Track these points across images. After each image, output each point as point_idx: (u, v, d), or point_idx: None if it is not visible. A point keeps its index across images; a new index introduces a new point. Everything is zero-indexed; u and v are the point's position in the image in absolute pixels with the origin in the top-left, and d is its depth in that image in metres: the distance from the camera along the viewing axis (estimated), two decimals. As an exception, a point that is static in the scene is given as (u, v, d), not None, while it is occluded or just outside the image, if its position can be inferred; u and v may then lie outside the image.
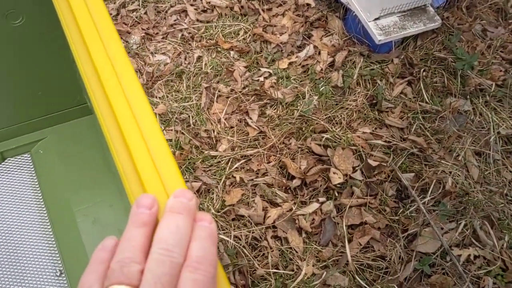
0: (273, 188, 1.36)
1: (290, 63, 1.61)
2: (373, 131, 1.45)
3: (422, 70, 1.55)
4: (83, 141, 0.74)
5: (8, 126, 0.70)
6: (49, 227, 0.68)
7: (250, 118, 1.48)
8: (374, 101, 1.51)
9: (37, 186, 0.71)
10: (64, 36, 0.58)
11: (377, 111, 1.50)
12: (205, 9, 1.72)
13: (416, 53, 1.62)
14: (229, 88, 1.53)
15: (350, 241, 1.30)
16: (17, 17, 0.57)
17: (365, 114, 1.47)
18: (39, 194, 0.70)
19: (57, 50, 0.63)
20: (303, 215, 1.33)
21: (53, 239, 0.67)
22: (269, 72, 1.57)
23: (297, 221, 1.32)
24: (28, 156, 0.73)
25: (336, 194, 1.37)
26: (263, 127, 1.46)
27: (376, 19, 1.57)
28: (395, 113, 1.49)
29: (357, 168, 1.39)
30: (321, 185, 1.38)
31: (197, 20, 1.70)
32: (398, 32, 1.56)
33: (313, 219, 1.34)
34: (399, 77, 1.57)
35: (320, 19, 1.70)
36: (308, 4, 1.72)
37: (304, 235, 1.31)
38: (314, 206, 1.35)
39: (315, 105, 1.49)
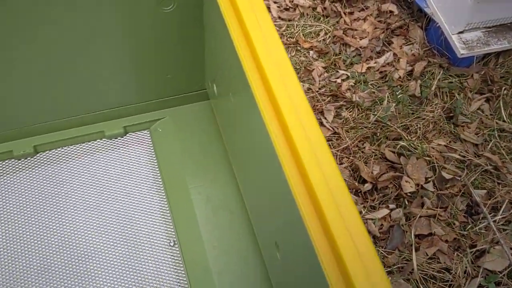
0: (343, 190, 1.38)
1: (368, 68, 1.63)
2: (447, 143, 1.45)
3: (502, 88, 1.54)
4: (199, 124, 0.78)
5: (134, 104, 0.75)
6: (165, 200, 0.73)
7: (325, 118, 1.51)
8: (451, 114, 1.51)
9: (154, 160, 0.76)
10: (201, 25, 0.62)
11: (453, 124, 1.49)
12: (288, 7, 1.76)
13: (497, 70, 1.60)
14: (305, 86, 1.56)
15: (416, 250, 1.31)
16: (169, 4, 0.61)
17: (440, 126, 1.47)
18: (156, 168, 0.75)
19: (193, 37, 0.67)
20: (372, 219, 1.34)
21: (168, 212, 0.72)
22: (346, 74, 1.59)
23: (365, 224, 1.34)
24: (148, 132, 0.79)
25: (406, 203, 1.38)
26: (338, 128, 1.48)
27: (460, 32, 1.56)
28: (471, 128, 1.48)
29: (429, 179, 1.39)
30: (392, 192, 1.39)
31: (279, 17, 1.74)
32: (481, 48, 1.55)
33: (382, 224, 1.35)
34: (478, 93, 1.56)
35: (401, 27, 1.70)
36: (391, 11, 1.72)
37: (372, 239, 1.33)
38: (384, 211, 1.36)
39: (392, 111, 1.50)
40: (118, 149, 0.77)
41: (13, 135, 0.74)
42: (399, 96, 1.54)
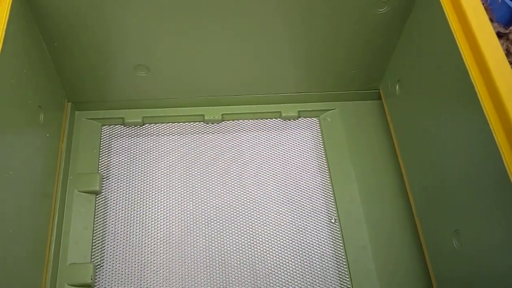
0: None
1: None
2: None
3: None
4: (367, 119, 0.86)
5: (308, 92, 0.85)
6: (328, 180, 0.81)
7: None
8: None
9: (321, 145, 0.84)
10: (400, 28, 0.70)
11: None
12: None
13: None
14: None
15: None
16: (383, 6, 0.70)
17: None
18: (322, 152, 0.83)
19: (387, 38, 0.75)
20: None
21: (331, 191, 0.80)
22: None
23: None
24: (317, 120, 0.87)
25: None
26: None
27: None
28: None
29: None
30: None
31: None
32: None
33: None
34: None
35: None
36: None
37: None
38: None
39: None
40: (290, 129, 0.86)
41: (205, 102, 0.85)
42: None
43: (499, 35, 1.85)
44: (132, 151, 0.84)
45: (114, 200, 0.79)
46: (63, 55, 0.74)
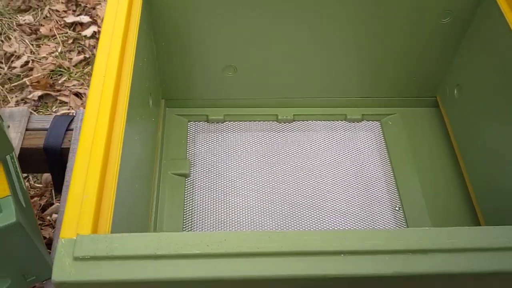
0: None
1: None
2: None
3: None
4: (425, 124, 0.95)
5: (371, 97, 0.95)
6: (391, 172, 0.90)
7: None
8: None
9: (383, 144, 0.94)
10: (460, 37, 0.81)
11: None
12: None
13: None
14: None
15: None
16: (447, 16, 0.81)
17: None
18: (385, 150, 0.93)
19: (449, 47, 0.86)
20: None
21: (394, 182, 0.89)
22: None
23: None
24: (379, 123, 0.97)
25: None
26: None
27: None
28: None
29: None
30: None
31: None
32: None
33: None
34: None
35: None
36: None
37: None
38: None
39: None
40: (354, 130, 0.96)
41: (278, 103, 0.96)
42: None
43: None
44: (214, 143, 0.94)
45: (200, 182, 0.89)
46: (164, 55, 0.86)
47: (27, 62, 1.87)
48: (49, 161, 1.06)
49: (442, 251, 0.48)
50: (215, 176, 0.90)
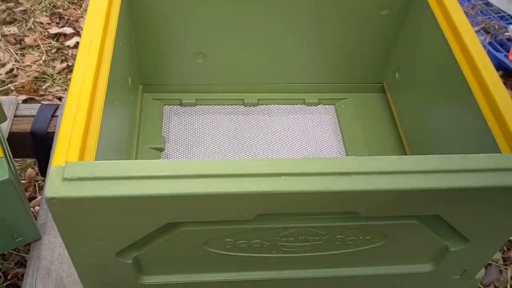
0: None
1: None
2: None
3: None
4: (374, 106, 1.08)
5: (327, 83, 1.08)
6: (343, 149, 1.02)
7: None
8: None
9: (337, 125, 1.06)
10: (398, 27, 0.94)
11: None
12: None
13: None
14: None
15: (513, 289, 1.46)
16: (386, 8, 0.94)
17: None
18: (339, 132, 1.05)
19: (390, 36, 0.99)
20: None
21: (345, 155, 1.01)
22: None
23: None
24: (334, 107, 1.09)
25: (505, 249, 1.55)
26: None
27: None
28: None
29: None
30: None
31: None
32: None
33: (482, 261, 1.53)
34: None
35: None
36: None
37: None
38: (485, 251, 1.54)
39: None
40: (312, 113, 1.08)
41: (245, 88, 1.08)
42: None
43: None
44: (186, 124, 1.05)
45: (173, 156, 0.99)
46: (142, 43, 0.98)
47: (11, 70, 1.97)
48: (36, 145, 1.15)
49: (366, 173, 0.60)
50: (187, 151, 1.01)
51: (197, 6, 0.93)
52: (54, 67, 1.99)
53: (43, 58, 2.01)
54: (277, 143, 1.03)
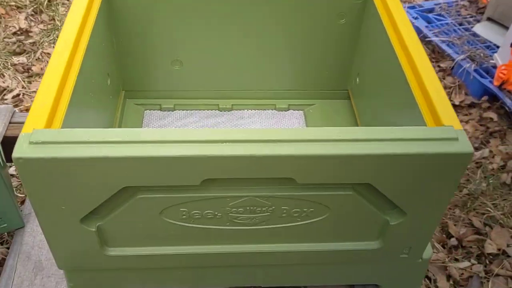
0: (431, 240, 1.62)
1: (465, 157, 1.91)
2: (533, 223, 1.65)
3: None
4: (339, 111, 1.15)
5: (296, 90, 1.16)
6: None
7: (423, 186, 1.80)
8: (538, 202, 1.72)
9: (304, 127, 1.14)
10: (356, 35, 1.03)
11: (540, 210, 1.70)
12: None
13: None
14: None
15: (493, 300, 1.48)
16: (343, 18, 1.04)
17: (527, 209, 1.69)
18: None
19: (348, 44, 1.08)
20: (454, 267, 1.55)
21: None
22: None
23: (447, 270, 1.54)
24: (302, 112, 1.17)
25: (487, 262, 1.57)
26: (433, 195, 1.76)
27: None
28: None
29: (511, 245, 1.59)
30: (475, 251, 1.60)
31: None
32: None
33: (462, 273, 1.55)
34: None
35: (499, 131, 2.00)
36: (491, 118, 2.04)
37: (451, 282, 1.52)
38: (466, 264, 1.57)
39: (482, 191, 1.75)
40: (282, 118, 1.16)
41: (220, 95, 1.17)
42: (490, 181, 1.80)
43: (473, 105, 2.18)
44: (165, 126, 1.14)
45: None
46: (123, 51, 1.08)
47: (18, 95, 2.09)
48: (28, 149, 1.24)
49: (299, 141, 0.67)
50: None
51: (173, 19, 1.03)
52: (58, 93, 2.11)
53: (48, 85, 2.14)
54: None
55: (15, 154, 0.64)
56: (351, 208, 0.76)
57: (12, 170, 1.57)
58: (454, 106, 2.14)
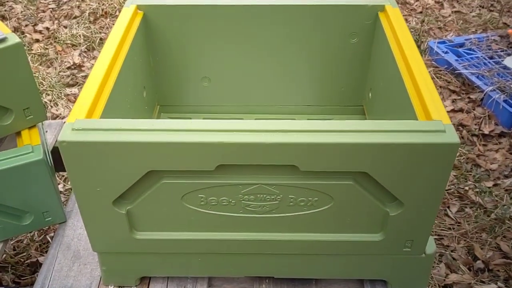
0: (457, 262, 1.63)
1: (494, 184, 1.93)
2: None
3: None
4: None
5: (312, 105, 1.26)
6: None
7: (450, 211, 1.82)
8: None
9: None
10: (368, 54, 1.13)
11: None
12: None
13: None
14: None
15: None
16: (355, 37, 1.14)
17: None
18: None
19: (361, 63, 1.18)
20: None
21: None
22: (474, 184, 1.92)
23: (472, 289, 1.55)
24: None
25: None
26: (460, 219, 1.78)
27: None
28: None
29: (539, 269, 1.58)
30: (502, 274, 1.60)
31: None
32: None
33: (489, 293, 1.55)
34: None
35: (529, 160, 2.01)
36: (521, 147, 2.06)
37: (478, 300, 1.53)
38: (493, 286, 1.57)
39: (510, 216, 1.76)
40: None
41: (244, 110, 1.28)
42: (519, 206, 1.81)
43: (503, 135, 2.20)
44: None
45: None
46: (158, 68, 1.22)
47: (69, 121, 2.28)
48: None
49: (302, 131, 0.76)
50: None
51: (203, 40, 1.17)
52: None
53: (96, 113, 2.33)
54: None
55: (60, 138, 0.76)
56: (353, 198, 0.84)
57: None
58: (484, 135, 2.17)
